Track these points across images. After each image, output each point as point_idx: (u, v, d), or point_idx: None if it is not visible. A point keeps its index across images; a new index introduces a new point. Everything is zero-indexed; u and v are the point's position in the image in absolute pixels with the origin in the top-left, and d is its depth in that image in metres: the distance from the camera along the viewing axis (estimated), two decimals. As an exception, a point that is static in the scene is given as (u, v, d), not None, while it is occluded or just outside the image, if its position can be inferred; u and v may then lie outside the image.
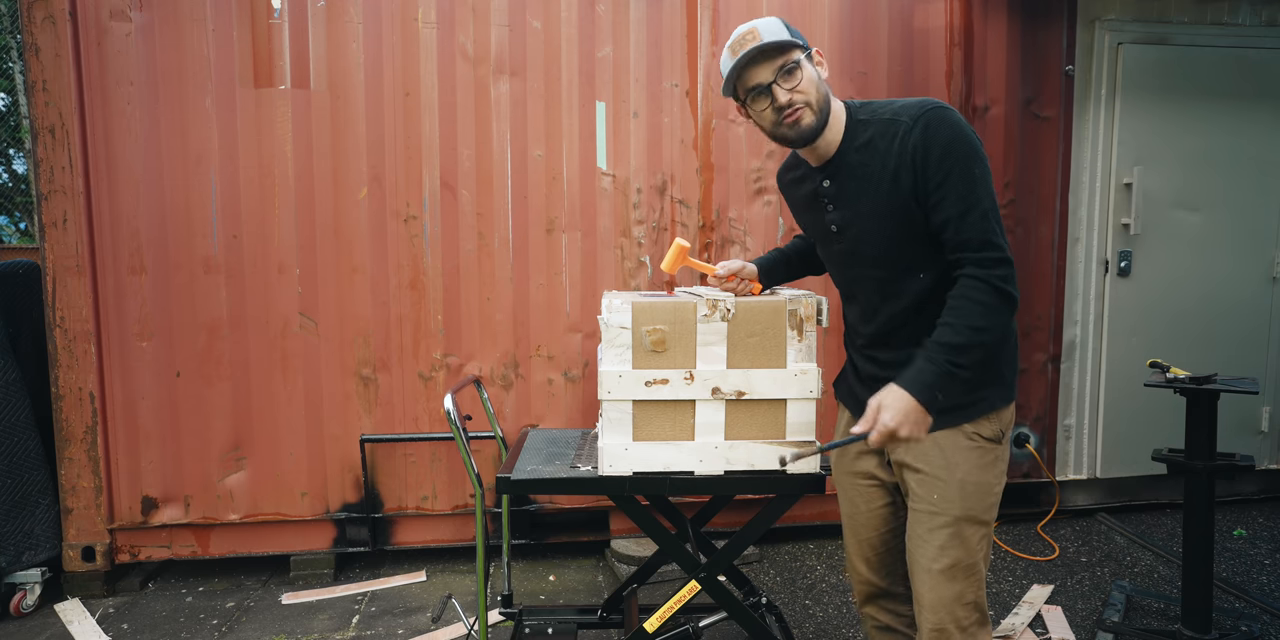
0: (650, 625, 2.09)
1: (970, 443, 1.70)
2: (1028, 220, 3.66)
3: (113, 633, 2.89)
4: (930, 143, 1.59)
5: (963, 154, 1.58)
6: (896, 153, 1.63)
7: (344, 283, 3.25)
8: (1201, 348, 3.81)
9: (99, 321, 3.12)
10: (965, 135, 1.60)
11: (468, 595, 3.14)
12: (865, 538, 1.91)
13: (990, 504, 1.71)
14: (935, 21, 3.51)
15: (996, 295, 1.57)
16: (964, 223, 1.58)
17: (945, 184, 1.59)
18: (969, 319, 1.56)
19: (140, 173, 3.10)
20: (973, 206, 1.58)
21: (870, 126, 1.68)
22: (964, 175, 1.58)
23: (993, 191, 1.61)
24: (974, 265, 1.59)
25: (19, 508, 3.07)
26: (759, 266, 2.08)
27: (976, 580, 1.71)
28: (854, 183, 1.70)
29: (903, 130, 1.62)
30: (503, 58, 3.27)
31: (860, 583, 1.96)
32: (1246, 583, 3.15)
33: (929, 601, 1.69)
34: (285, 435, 3.25)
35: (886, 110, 1.68)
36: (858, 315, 1.84)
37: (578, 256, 3.37)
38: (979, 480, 1.70)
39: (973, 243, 1.59)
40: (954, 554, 1.68)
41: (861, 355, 1.85)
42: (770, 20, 1.67)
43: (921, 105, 1.63)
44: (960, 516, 1.68)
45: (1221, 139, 3.75)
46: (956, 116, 1.62)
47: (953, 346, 1.55)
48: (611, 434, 1.96)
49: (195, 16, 3.09)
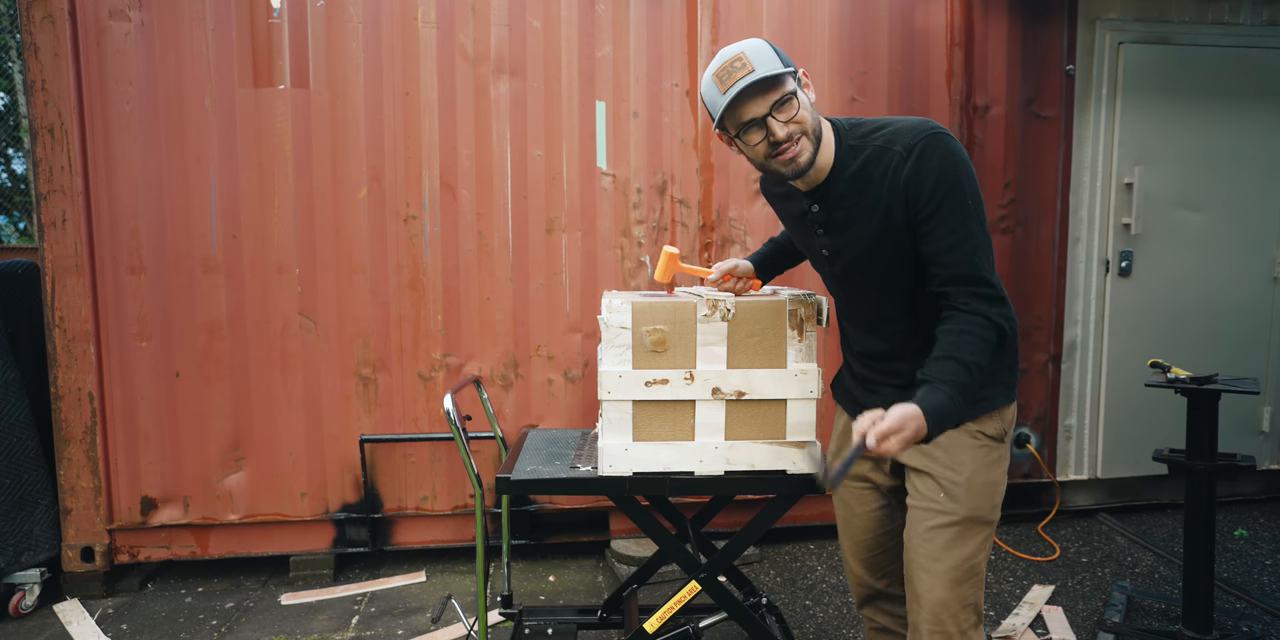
0: (650, 626, 2.08)
1: (975, 441, 1.69)
2: (1028, 220, 3.65)
3: (112, 633, 2.88)
4: (923, 174, 1.53)
5: (955, 186, 1.53)
6: (889, 185, 1.57)
7: (344, 283, 3.25)
8: (1202, 348, 3.80)
9: (98, 321, 3.11)
10: (959, 166, 1.54)
11: (467, 595, 3.13)
12: (861, 540, 1.91)
13: (995, 504, 1.71)
14: (936, 21, 3.50)
15: (999, 335, 1.53)
16: (954, 256, 1.54)
17: (936, 216, 1.54)
18: (975, 356, 1.51)
19: (139, 172, 3.10)
20: (964, 239, 1.53)
21: (861, 153, 1.61)
22: (956, 207, 1.53)
23: (986, 225, 1.57)
24: (975, 300, 1.53)
25: (18, 508, 3.07)
26: (755, 262, 2.07)
27: (978, 581, 1.69)
28: (844, 212, 1.65)
29: (895, 161, 1.56)
30: (502, 57, 3.27)
31: (857, 585, 1.97)
32: (1247, 583, 3.15)
33: (929, 602, 1.67)
34: (285, 435, 3.25)
35: (880, 136, 1.60)
36: (854, 328, 1.83)
37: (578, 256, 3.37)
38: (985, 479, 1.68)
39: (967, 277, 1.54)
40: (958, 554, 1.66)
41: (858, 360, 1.86)
42: (757, 44, 1.57)
43: (915, 132, 1.56)
44: (967, 516, 1.66)
45: (1223, 139, 3.74)
46: (951, 145, 1.55)
47: (962, 386, 1.50)
48: (611, 434, 1.96)
49: (195, 16, 3.09)
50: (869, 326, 1.77)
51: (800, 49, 3.42)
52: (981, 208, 1.57)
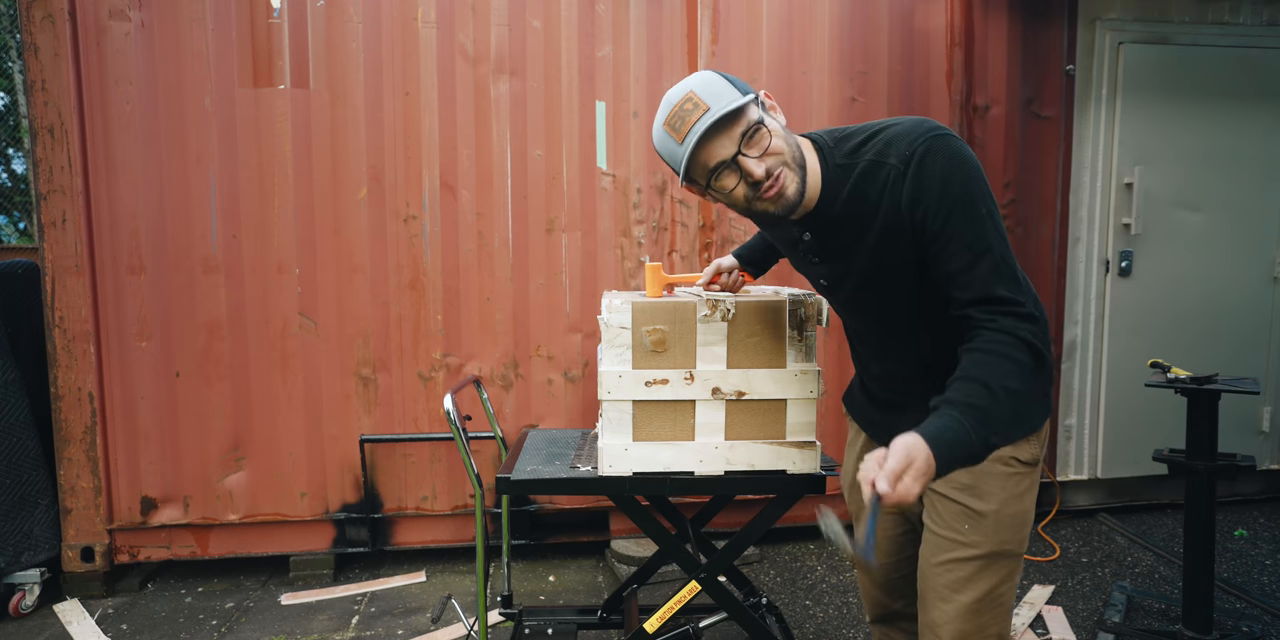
0: (650, 626, 2.08)
1: (1008, 468, 1.50)
2: (1028, 220, 3.65)
3: (112, 633, 2.88)
4: (925, 187, 1.34)
5: (964, 195, 1.33)
6: (888, 205, 1.38)
7: (344, 283, 3.25)
8: (1202, 348, 3.80)
9: (98, 321, 3.11)
10: (966, 169, 1.33)
11: (467, 595, 3.13)
12: (880, 564, 1.80)
13: (1024, 536, 1.53)
14: (936, 21, 3.50)
15: (1030, 352, 1.30)
16: (972, 275, 1.33)
17: (946, 231, 1.34)
18: (1004, 380, 1.27)
19: (139, 172, 3.10)
20: (982, 254, 1.33)
21: (852, 172, 1.42)
22: (969, 219, 1.33)
23: (1003, 232, 1.36)
24: (1001, 317, 1.31)
25: (18, 508, 3.06)
26: (742, 254, 2.00)
27: (1002, 613, 1.53)
28: (840, 240, 1.47)
29: (893, 176, 1.37)
30: (503, 57, 3.27)
31: (873, 604, 1.87)
32: (1247, 583, 3.15)
33: (950, 635, 1.51)
34: (285, 435, 3.25)
35: (870, 149, 1.41)
36: (864, 348, 1.69)
37: (578, 256, 3.37)
38: (1015, 510, 1.51)
39: (989, 297, 1.33)
40: (980, 587, 1.50)
41: (871, 378, 1.72)
42: (705, 76, 1.38)
43: (911, 139, 1.36)
44: (993, 551, 1.49)
45: (1223, 139, 3.74)
46: (954, 145, 1.35)
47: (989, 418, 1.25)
48: (611, 434, 1.96)
49: (194, 16, 3.09)
50: (883, 351, 1.62)
51: (800, 49, 3.42)
52: (996, 212, 1.36)
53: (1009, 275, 1.34)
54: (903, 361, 1.58)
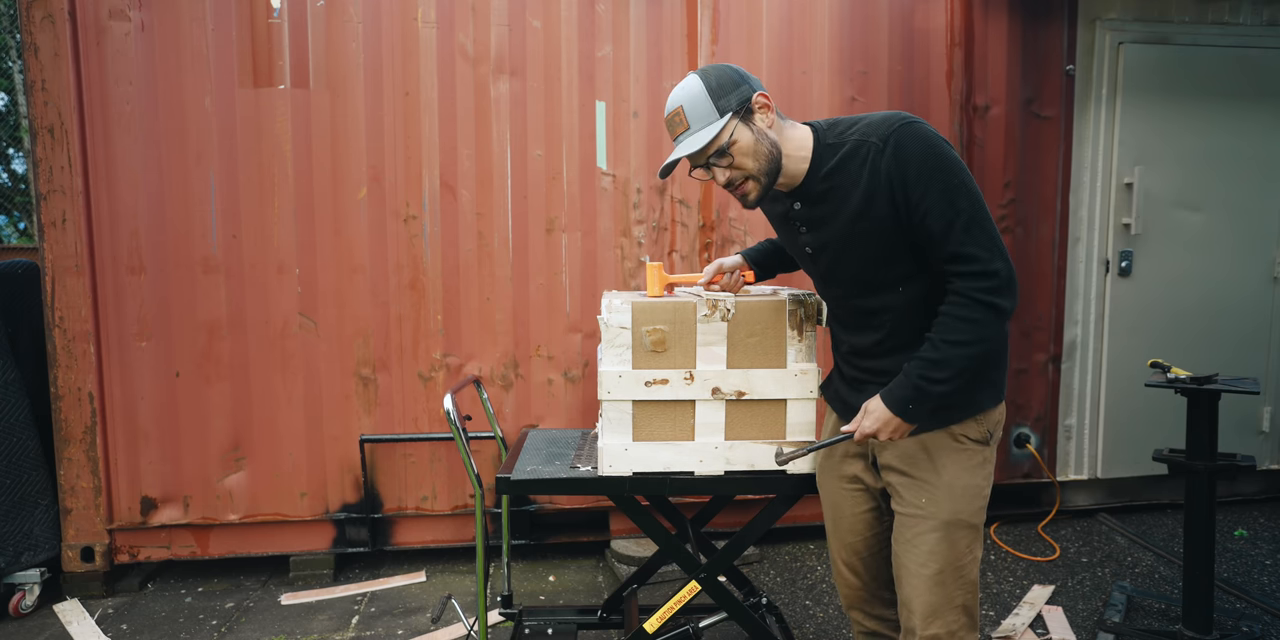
0: (650, 626, 2.08)
1: (957, 444, 1.70)
2: (1028, 220, 3.65)
3: (112, 633, 2.88)
4: (904, 162, 1.55)
5: (937, 167, 1.55)
6: (869, 175, 1.59)
7: (344, 283, 3.25)
8: (1202, 348, 3.80)
9: (98, 321, 3.11)
10: (937, 148, 1.56)
11: (467, 595, 3.13)
12: (849, 542, 1.90)
13: (979, 507, 1.70)
14: (936, 21, 3.50)
15: (979, 308, 1.54)
16: (948, 239, 1.55)
17: (924, 201, 1.55)
18: (948, 334, 1.56)
19: (139, 172, 3.10)
20: (954, 220, 1.54)
21: (840, 149, 1.64)
22: (942, 188, 1.54)
23: (977, 198, 1.57)
24: (958, 278, 1.57)
25: (18, 508, 3.07)
26: (749, 255, 2.07)
27: (966, 584, 1.70)
28: (826, 206, 1.67)
29: (873, 152, 1.59)
30: (502, 57, 3.27)
31: (845, 587, 1.96)
32: (1247, 583, 3.15)
33: (920, 608, 1.68)
34: (285, 435, 3.25)
35: (854, 130, 1.64)
36: (841, 327, 1.84)
37: (578, 256, 3.37)
38: (966, 483, 1.69)
39: (957, 257, 1.56)
40: (942, 558, 1.67)
41: (846, 361, 1.85)
42: (693, 92, 1.63)
43: (888, 123, 1.59)
44: (949, 520, 1.67)
45: (1222, 139, 3.74)
46: (926, 130, 1.58)
47: (929, 361, 1.57)
48: (611, 434, 1.96)
49: (194, 16, 3.09)
50: (855, 324, 1.77)
51: (800, 49, 3.42)
52: (970, 182, 1.57)
53: (977, 235, 1.55)
54: (870, 334, 1.75)
